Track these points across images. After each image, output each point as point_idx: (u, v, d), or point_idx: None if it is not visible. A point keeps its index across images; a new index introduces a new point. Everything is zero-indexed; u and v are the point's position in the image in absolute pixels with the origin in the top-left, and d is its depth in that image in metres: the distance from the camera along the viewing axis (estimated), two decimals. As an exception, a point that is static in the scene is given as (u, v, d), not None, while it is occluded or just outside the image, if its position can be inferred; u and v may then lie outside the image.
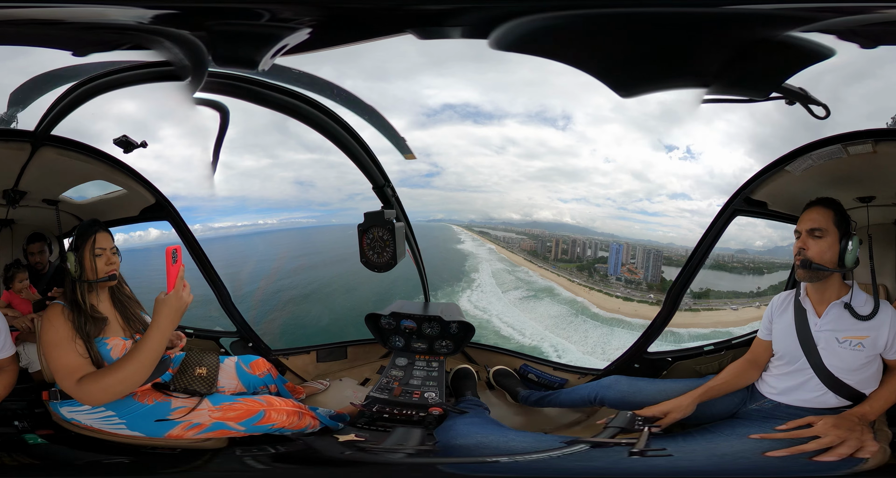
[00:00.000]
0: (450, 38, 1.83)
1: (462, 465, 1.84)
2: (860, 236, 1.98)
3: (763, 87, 1.88)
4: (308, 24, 1.78)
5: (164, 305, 1.85)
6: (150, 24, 1.79)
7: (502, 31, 1.74)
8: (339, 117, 2.22)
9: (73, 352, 1.91)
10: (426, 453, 1.97)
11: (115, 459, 1.96)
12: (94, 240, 2.03)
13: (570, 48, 1.84)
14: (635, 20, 1.78)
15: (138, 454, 1.98)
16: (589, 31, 1.82)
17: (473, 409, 2.32)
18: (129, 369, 1.85)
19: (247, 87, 2.05)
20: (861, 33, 1.69)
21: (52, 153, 2.23)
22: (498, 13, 1.73)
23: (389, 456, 1.92)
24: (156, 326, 1.85)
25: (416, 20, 1.78)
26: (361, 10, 1.77)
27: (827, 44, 1.70)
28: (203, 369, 2.21)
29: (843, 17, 1.66)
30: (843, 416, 1.88)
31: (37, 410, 2.10)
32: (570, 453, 1.82)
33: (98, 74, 2.01)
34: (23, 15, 1.76)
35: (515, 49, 1.81)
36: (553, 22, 1.75)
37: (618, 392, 2.31)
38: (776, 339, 2.09)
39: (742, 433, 1.95)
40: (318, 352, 3.01)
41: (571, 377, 2.76)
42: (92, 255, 2.03)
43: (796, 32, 1.67)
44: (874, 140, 1.98)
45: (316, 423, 2.23)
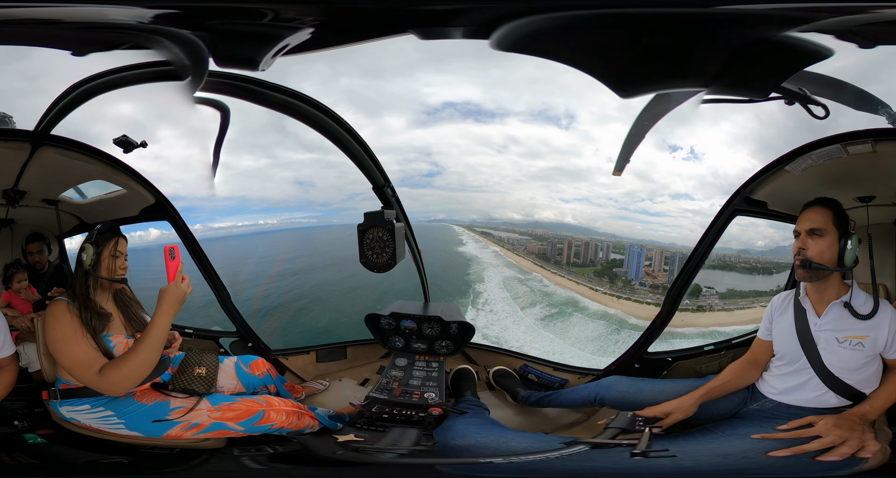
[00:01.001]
0: (451, 39, 1.83)
1: (460, 465, 1.83)
2: (860, 236, 1.98)
3: (762, 88, 1.88)
4: (310, 23, 1.77)
5: (165, 293, 2.00)
6: (150, 24, 1.78)
7: (503, 32, 1.74)
8: (340, 117, 2.21)
9: (86, 345, 1.93)
10: (424, 453, 1.97)
11: (114, 458, 1.97)
12: (117, 243, 2.10)
13: (571, 48, 1.84)
14: (635, 20, 1.78)
15: (136, 454, 1.98)
16: (589, 31, 1.82)
17: (473, 409, 2.32)
18: (143, 353, 1.94)
19: (246, 86, 2.05)
20: (859, 33, 1.69)
21: (52, 153, 2.23)
22: (500, 14, 1.72)
23: (386, 456, 1.91)
24: (160, 311, 1.99)
25: (418, 20, 1.78)
26: (363, 11, 1.77)
27: (825, 44, 1.70)
28: (202, 369, 2.21)
29: (841, 17, 1.66)
30: (844, 416, 1.88)
31: (36, 409, 2.10)
32: (571, 453, 1.82)
33: (98, 74, 2.01)
34: (22, 14, 1.76)
35: (516, 49, 1.80)
36: (553, 22, 1.75)
37: (618, 392, 2.31)
38: (776, 339, 2.09)
39: (743, 433, 1.95)
40: (317, 352, 3.01)
41: (571, 377, 2.76)
42: (111, 255, 2.09)
43: (795, 32, 1.67)
44: (874, 140, 1.98)
45: (315, 423, 2.23)
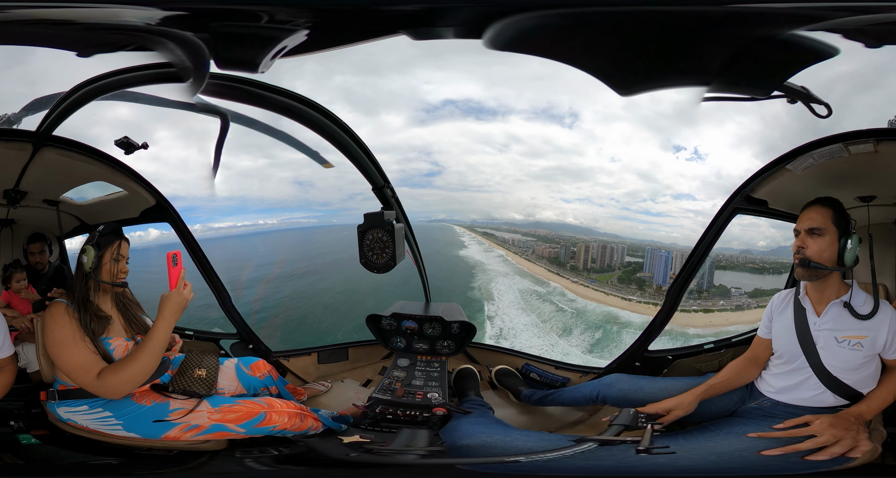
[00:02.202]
0: (444, 39, 1.82)
1: (474, 465, 1.83)
2: (861, 236, 1.98)
3: (765, 86, 1.88)
4: (303, 26, 1.76)
5: (167, 300, 1.98)
6: (154, 26, 1.78)
7: (495, 31, 1.72)
8: (338, 118, 2.21)
9: (84, 349, 1.92)
10: (436, 453, 1.97)
11: (106, 460, 1.97)
12: (119, 245, 2.08)
13: (568, 46, 1.83)
14: (637, 18, 1.77)
15: (131, 455, 1.98)
16: (585, 28, 1.81)
17: (478, 409, 2.32)
18: (143, 358, 1.93)
19: (247, 89, 2.05)
20: (867, 32, 1.69)
21: (54, 154, 2.22)
22: (485, 12, 1.70)
23: (398, 457, 1.91)
24: (161, 318, 1.97)
25: (405, 21, 1.76)
26: (351, 12, 1.76)
27: (830, 43, 1.70)
28: (202, 371, 2.21)
29: (855, 17, 1.65)
30: (840, 415, 1.89)
31: (33, 410, 2.09)
32: (578, 451, 1.82)
33: (100, 76, 2.00)
34: (28, 15, 1.75)
35: (511, 48, 1.79)
36: (546, 20, 1.74)
37: (619, 390, 2.32)
38: (776, 337, 2.09)
39: (740, 432, 1.96)
40: (319, 353, 3.00)
41: (573, 376, 2.76)
42: (112, 258, 2.06)
43: (801, 31, 1.67)
44: (875, 139, 1.98)
45: (318, 425, 2.22)
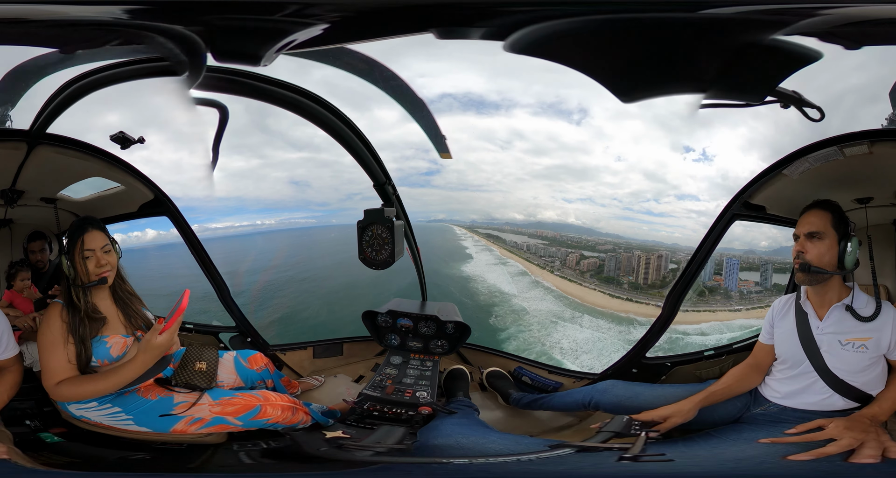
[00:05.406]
0: (469, 39, 1.81)
1: (441, 465, 1.81)
2: (859, 238, 1.95)
3: (757, 92, 1.86)
4: (326, 19, 1.75)
5: (149, 346, 1.90)
6: (148, 20, 1.79)
7: (518, 36, 1.73)
8: (342, 113, 2.19)
9: (62, 356, 1.95)
10: (399, 452, 1.96)
11: (136, 455, 2.01)
12: (82, 242, 2.02)
13: (577, 53, 1.83)
14: (634, 25, 1.76)
15: (151, 450, 2.02)
16: (593, 35, 1.80)
17: (463, 410, 2.31)
18: (102, 385, 1.94)
19: (246, 81, 2.03)
20: (839, 35, 1.67)
21: (49, 151, 2.24)
22: (521, 19, 1.71)
23: (364, 454, 1.91)
24: (136, 362, 1.92)
25: (439, 19, 1.76)
26: (382, 7, 1.75)
27: (814, 47, 1.68)
28: (203, 364, 2.24)
29: (807, 20, 1.63)
30: (854, 418, 1.86)
31: (45, 408, 2.13)
32: (551, 456, 1.79)
33: (92, 70, 2.01)
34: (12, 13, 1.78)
35: (526, 52, 1.79)
36: (563, 27, 1.74)
37: (614, 397, 2.28)
38: (778, 343, 2.06)
39: (750, 438, 1.93)
40: (314, 348, 3.02)
41: (566, 381, 2.72)
42: (81, 258, 2.01)
43: (784, 36, 1.65)
44: (870, 141, 1.96)
45: (308, 418, 2.25)
